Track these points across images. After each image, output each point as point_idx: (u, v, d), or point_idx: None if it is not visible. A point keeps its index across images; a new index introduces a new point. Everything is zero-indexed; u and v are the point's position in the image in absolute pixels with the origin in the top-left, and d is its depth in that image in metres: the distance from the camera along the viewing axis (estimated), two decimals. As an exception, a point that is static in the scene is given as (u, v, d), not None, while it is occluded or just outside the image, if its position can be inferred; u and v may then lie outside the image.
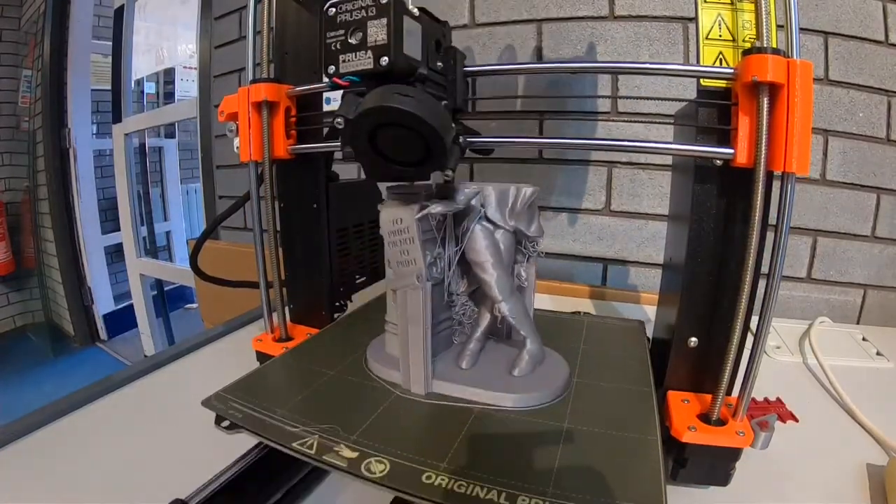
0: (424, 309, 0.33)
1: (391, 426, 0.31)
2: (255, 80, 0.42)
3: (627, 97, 0.75)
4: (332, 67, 0.29)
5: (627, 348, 0.43)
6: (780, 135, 0.27)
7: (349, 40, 0.28)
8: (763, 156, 0.27)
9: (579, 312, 0.55)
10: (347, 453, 0.27)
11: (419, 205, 0.33)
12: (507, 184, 0.37)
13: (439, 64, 0.32)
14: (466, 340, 0.39)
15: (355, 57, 0.28)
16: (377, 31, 0.27)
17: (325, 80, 0.30)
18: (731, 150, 0.29)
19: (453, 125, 0.30)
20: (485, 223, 0.36)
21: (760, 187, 0.28)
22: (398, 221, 0.33)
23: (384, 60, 0.27)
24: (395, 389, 0.35)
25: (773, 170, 0.28)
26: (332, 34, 0.29)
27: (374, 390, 0.35)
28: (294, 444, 0.28)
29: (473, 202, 0.35)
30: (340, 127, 0.29)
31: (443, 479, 0.25)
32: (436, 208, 0.32)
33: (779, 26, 0.28)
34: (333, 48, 0.29)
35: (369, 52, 0.28)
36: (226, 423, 0.31)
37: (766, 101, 0.27)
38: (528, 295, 0.40)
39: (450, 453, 0.28)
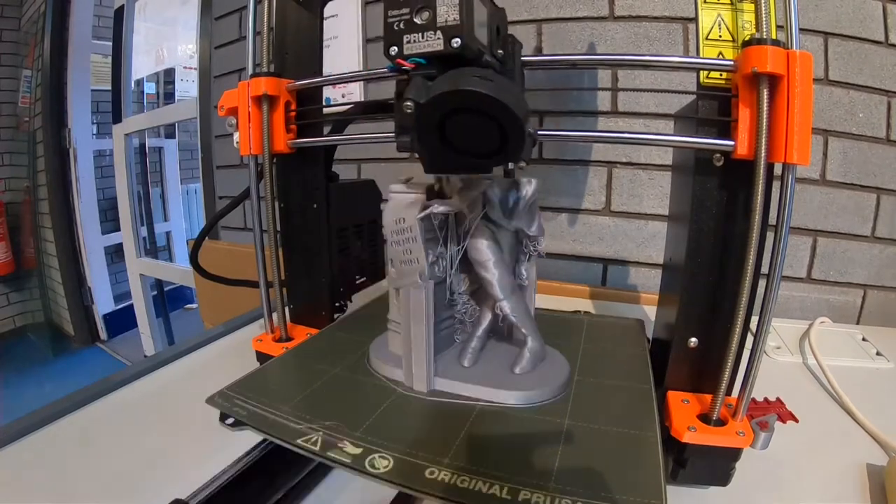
0: (427, 307, 0.34)
1: (394, 423, 0.31)
2: (255, 74, 0.42)
3: (628, 90, 0.75)
4: (395, 48, 0.28)
5: (627, 346, 0.44)
6: (780, 126, 0.27)
7: (414, 20, 0.27)
8: (763, 147, 0.27)
9: (579, 312, 0.55)
10: (351, 449, 0.28)
11: (422, 204, 0.33)
12: (507, 180, 0.35)
13: (500, 52, 0.30)
14: (468, 339, 0.39)
15: (422, 38, 0.27)
16: (448, 11, 0.26)
17: (387, 63, 0.28)
18: (732, 142, 0.29)
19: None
20: (487, 223, 0.36)
21: (761, 180, 0.28)
22: (401, 221, 0.34)
23: (456, 42, 0.26)
24: (398, 387, 0.35)
25: (773, 161, 0.28)
26: (395, 13, 0.27)
27: (377, 388, 0.36)
28: (299, 441, 0.28)
29: (485, 195, 0.35)
30: (410, 111, 0.27)
31: (446, 475, 0.26)
32: (438, 208, 0.32)
33: (778, 27, 0.28)
34: (396, 28, 0.27)
35: (439, 33, 0.26)
36: (230, 421, 0.31)
37: (766, 92, 0.27)
38: (528, 293, 0.40)
39: (452, 449, 0.28)
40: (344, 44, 0.95)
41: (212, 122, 1.22)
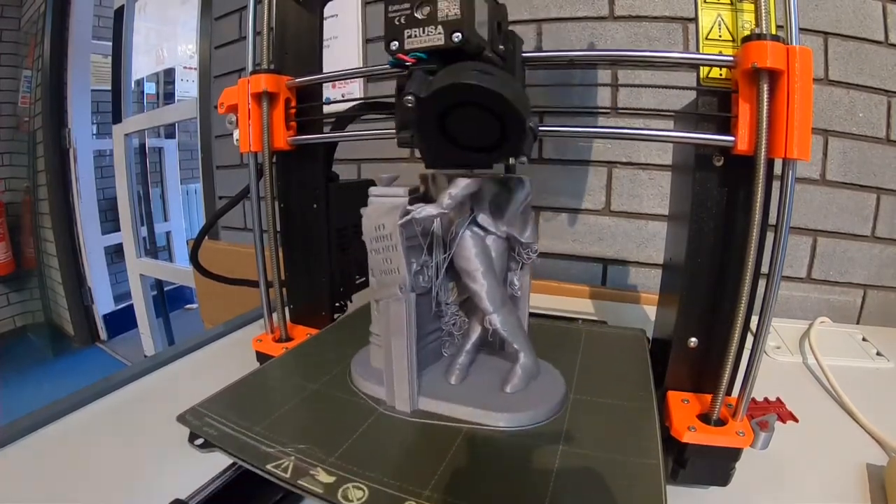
0: (409, 321, 0.32)
1: (373, 447, 0.29)
2: (255, 71, 0.43)
3: (627, 85, 0.75)
4: (396, 43, 0.28)
5: (627, 360, 0.41)
6: (780, 121, 0.27)
7: (415, 14, 0.27)
8: (764, 142, 0.27)
9: (578, 321, 0.52)
10: (324, 477, 0.26)
11: (403, 209, 0.31)
12: (499, 181, 0.34)
13: (501, 47, 0.30)
14: (456, 353, 0.37)
15: (423, 32, 0.27)
16: (449, 6, 0.26)
17: (388, 58, 0.28)
18: (732, 138, 0.29)
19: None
20: (475, 229, 0.34)
21: (762, 176, 0.28)
22: (380, 227, 0.31)
23: (457, 36, 0.26)
24: (379, 406, 0.33)
25: (774, 156, 0.28)
26: (396, 8, 0.27)
27: (357, 406, 0.33)
28: (269, 467, 0.26)
29: (473, 199, 0.33)
30: (410, 105, 0.27)
31: None
32: (421, 213, 0.30)
33: (779, 26, 0.28)
34: (397, 22, 0.27)
35: (440, 28, 0.26)
36: (199, 441, 0.29)
37: (766, 87, 0.27)
38: (521, 305, 0.38)
39: (435, 478, 0.26)
40: (344, 44, 0.95)
41: (212, 122, 1.22)
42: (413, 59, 0.27)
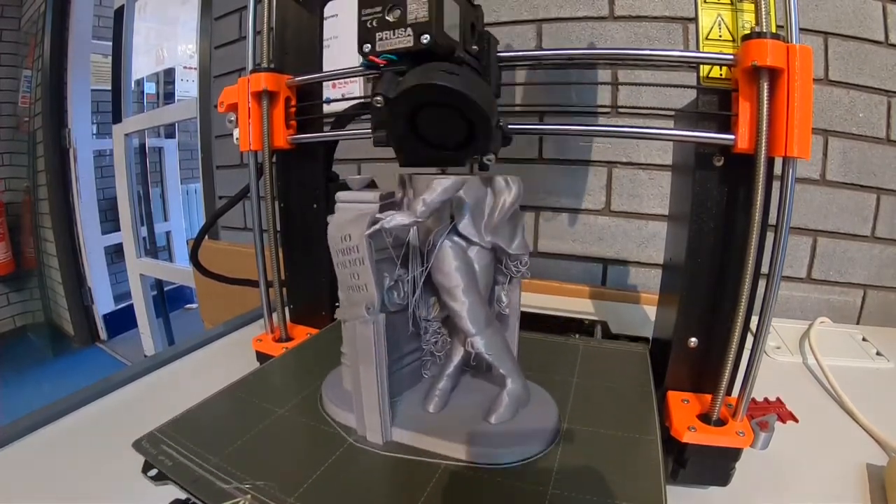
0: (377, 346, 0.28)
1: (339, 484, 0.26)
2: (255, 70, 0.43)
3: (628, 84, 0.75)
4: (368, 46, 0.28)
5: (628, 382, 0.38)
6: (780, 120, 0.27)
7: (386, 17, 0.27)
8: (764, 140, 0.27)
9: (575, 335, 0.49)
10: None
11: (371, 218, 0.28)
12: (482, 184, 0.31)
13: (474, 47, 0.31)
14: (436, 377, 0.33)
15: (393, 35, 0.27)
16: (418, 8, 0.26)
17: (360, 59, 0.29)
18: (732, 137, 0.29)
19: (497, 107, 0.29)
20: (455, 238, 0.30)
21: (762, 175, 0.28)
22: (346, 238, 0.28)
23: (425, 38, 0.26)
24: (349, 436, 0.30)
25: (774, 155, 0.28)
26: (368, 11, 0.28)
27: (325, 436, 0.30)
28: None
29: (453, 204, 0.30)
30: (380, 106, 0.27)
31: None
32: (391, 222, 0.27)
33: (779, 26, 0.28)
34: (369, 25, 0.28)
35: (409, 30, 0.27)
36: (153, 473, 0.27)
37: (766, 86, 0.27)
38: (510, 323, 0.34)
39: None
40: (344, 44, 0.95)
41: (212, 122, 1.22)
42: (384, 61, 0.28)
